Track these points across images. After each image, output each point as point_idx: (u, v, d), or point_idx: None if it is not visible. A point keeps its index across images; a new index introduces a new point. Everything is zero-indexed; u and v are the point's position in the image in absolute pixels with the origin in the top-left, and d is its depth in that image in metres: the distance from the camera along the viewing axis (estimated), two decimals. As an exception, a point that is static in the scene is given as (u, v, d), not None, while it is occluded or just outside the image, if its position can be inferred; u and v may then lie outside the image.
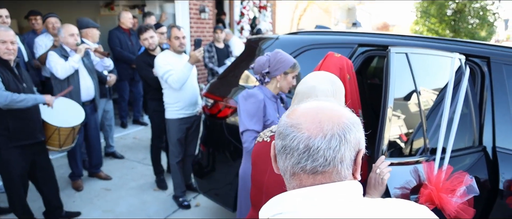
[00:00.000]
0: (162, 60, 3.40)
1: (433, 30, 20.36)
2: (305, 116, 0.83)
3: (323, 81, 1.57)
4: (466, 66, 2.13)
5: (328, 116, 0.81)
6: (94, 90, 3.95)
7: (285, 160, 0.84)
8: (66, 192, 3.91)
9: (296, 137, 0.81)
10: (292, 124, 0.83)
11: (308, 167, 0.80)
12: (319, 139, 0.78)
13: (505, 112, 2.18)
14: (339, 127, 0.80)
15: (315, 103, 0.87)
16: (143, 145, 5.49)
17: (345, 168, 0.81)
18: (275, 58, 2.25)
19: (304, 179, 0.82)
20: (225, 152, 3.06)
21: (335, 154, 0.79)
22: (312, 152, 0.79)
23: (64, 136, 3.19)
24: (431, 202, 1.61)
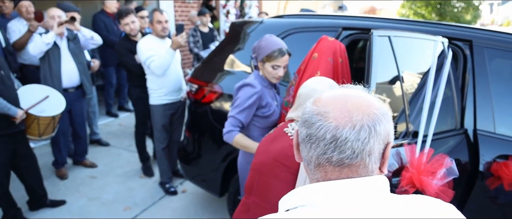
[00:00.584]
0: (145, 46, 3.33)
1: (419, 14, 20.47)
2: (333, 103, 0.77)
3: (323, 85, 1.63)
4: (448, 49, 2.14)
5: (358, 105, 0.76)
6: (79, 76, 3.81)
7: (309, 149, 0.79)
8: (50, 180, 3.86)
9: (323, 126, 0.75)
10: (319, 112, 0.77)
11: (334, 158, 0.75)
12: (348, 130, 0.73)
13: (486, 95, 2.20)
14: (369, 117, 0.74)
15: (344, 90, 0.82)
16: (128, 132, 5.44)
17: (373, 161, 0.76)
18: (258, 43, 2.20)
19: (330, 171, 0.77)
20: (211, 138, 3.05)
21: (364, 146, 0.74)
22: (340, 143, 0.74)
23: (43, 125, 3.13)
24: (412, 185, 1.63)
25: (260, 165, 1.66)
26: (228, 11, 9.84)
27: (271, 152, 1.61)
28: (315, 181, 0.80)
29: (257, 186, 1.64)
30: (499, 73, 2.28)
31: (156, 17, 3.40)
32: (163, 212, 3.37)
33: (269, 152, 1.63)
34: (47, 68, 3.57)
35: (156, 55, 3.29)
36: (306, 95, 1.63)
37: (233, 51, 3.07)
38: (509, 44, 2.23)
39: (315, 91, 1.59)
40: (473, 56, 2.28)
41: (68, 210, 3.37)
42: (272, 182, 1.58)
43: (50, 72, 3.58)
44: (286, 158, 1.55)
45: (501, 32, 2.34)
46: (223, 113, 2.88)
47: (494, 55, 2.26)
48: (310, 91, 1.61)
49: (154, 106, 3.53)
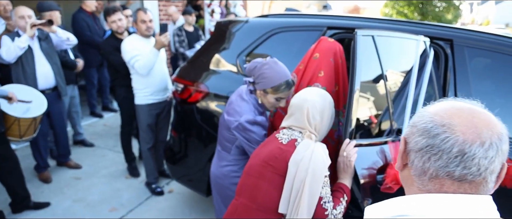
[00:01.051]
0: (129, 45, 3.31)
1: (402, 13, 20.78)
2: (459, 116, 0.74)
3: (315, 95, 1.67)
4: (430, 48, 2.19)
5: (486, 122, 0.73)
6: (54, 77, 3.70)
7: (428, 160, 0.76)
8: (33, 182, 3.80)
9: (450, 138, 0.72)
10: (444, 123, 0.74)
11: (457, 173, 0.73)
12: (477, 146, 0.71)
13: (466, 93, 2.26)
14: (497, 136, 0.72)
15: (466, 104, 0.78)
16: (113, 132, 5.39)
17: (493, 180, 0.74)
18: (260, 70, 1.95)
19: (447, 184, 0.74)
20: (197, 137, 3.05)
21: (489, 164, 0.72)
22: (466, 158, 0.71)
23: (24, 126, 3.08)
24: (396, 182, 1.66)
25: (249, 167, 1.68)
26: (213, 10, 9.80)
27: (261, 154, 1.64)
28: (425, 191, 0.78)
29: (246, 186, 1.65)
30: (479, 72, 2.34)
31: (140, 16, 3.37)
32: (150, 213, 3.35)
33: (259, 154, 1.66)
34: (20, 71, 3.44)
35: (140, 55, 3.26)
36: (297, 105, 1.66)
37: (219, 50, 3.07)
38: (488, 44, 2.29)
39: (307, 101, 1.63)
40: (454, 55, 2.33)
41: (52, 212, 3.32)
42: (260, 183, 1.59)
43: (24, 75, 3.45)
44: (274, 160, 1.56)
45: (481, 32, 2.41)
46: (209, 112, 2.88)
47: (474, 54, 2.32)
48: (302, 101, 1.65)
49: (139, 106, 3.50)
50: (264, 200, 1.57)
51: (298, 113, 1.65)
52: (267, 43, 2.86)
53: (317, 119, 1.62)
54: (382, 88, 1.94)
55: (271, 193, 1.55)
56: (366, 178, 1.73)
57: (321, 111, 1.64)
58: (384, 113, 1.98)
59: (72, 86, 4.44)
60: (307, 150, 1.50)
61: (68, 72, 4.23)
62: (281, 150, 1.56)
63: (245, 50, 2.90)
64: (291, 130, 1.65)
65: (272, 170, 1.55)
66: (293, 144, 1.56)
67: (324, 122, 1.66)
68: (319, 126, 1.64)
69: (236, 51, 2.94)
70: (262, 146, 1.71)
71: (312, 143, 1.55)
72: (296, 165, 1.48)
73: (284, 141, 1.60)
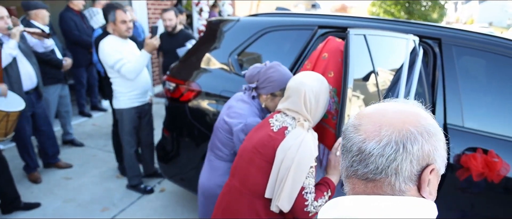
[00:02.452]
0: (110, 47, 3.18)
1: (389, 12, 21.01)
2: (370, 117, 0.76)
3: (312, 79, 1.67)
4: (419, 47, 2.23)
5: (392, 120, 0.73)
6: (36, 77, 3.62)
7: (342, 160, 0.80)
8: (23, 183, 3.76)
9: (352, 138, 0.75)
10: (354, 124, 0.77)
11: (360, 172, 0.74)
12: (373, 144, 0.72)
13: (455, 91, 2.32)
14: (400, 134, 0.71)
15: (388, 104, 0.79)
16: (103, 132, 5.35)
17: (401, 181, 0.72)
18: (266, 74, 1.96)
19: (357, 184, 0.77)
20: (189, 136, 3.05)
21: (389, 163, 0.71)
22: (364, 156, 0.73)
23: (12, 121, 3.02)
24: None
25: (242, 150, 1.72)
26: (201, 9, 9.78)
27: (253, 139, 1.67)
28: (347, 192, 0.81)
29: (239, 169, 1.71)
30: (466, 70, 2.41)
31: (119, 16, 3.23)
32: (142, 212, 3.35)
33: (252, 139, 1.69)
34: (4, 75, 3.27)
35: (125, 58, 3.20)
36: (294, 88, 1.66)
37: (210, 49, 3.08)
38: (475, 43, 2.35)
39: (304, 85, 1.64)
40: (442, 54, 2.39)
41: (43, 212, 3.30)
42: (249, 168, 1.65)
43: (8, 78, 3.29)
44: (263, 146, 1.60)
45: (468, 31, 2.47)
46: (201, 111, 2.89)
47: (461, 53, 2.38)
48: (299, 84, 1.66)
49: (124, 110, 3.41)
50: (253, 184, 1.63)
51: (295, 95, 1.66)
52: (259, 42, 2.88)
53: (312, 102, 1.64)
54: (373, 86, 1.97)
55: (259, 178, 1.61)
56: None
57: (317, 94, 1.65)
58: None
59: (62, 85, 4.39)
60: (297, 138, 1.53)
61: (56, 71, 4.18)
62: (270, 137, 1.59)
63: (237, 49, 2.92)
64: (284, 116, 1.66)
65: (260, 156, 1.59)
66: (283, 132, 1.59)
67: (319, 106, 1.67)
68: (314, 110, 1.66)
69: (228, 50, 2.95)
70: (255, 129, 1.73)
71: (303, 133, 1.56)
72: (284, 153, 1.52)
73: (274, 128, 1.62)
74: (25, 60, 3.52)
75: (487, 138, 2.21)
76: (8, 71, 3.29)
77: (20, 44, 3.47)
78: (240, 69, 2.84)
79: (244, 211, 1.66)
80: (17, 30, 3.29)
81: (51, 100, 4.23)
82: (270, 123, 1.67)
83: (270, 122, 1.67)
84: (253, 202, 1.65)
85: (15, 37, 3.27)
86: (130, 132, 3.50)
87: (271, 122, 1.66)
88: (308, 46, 2.68)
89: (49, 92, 4.18)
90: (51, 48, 4.01)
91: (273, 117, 1.69)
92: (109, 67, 3.26)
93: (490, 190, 2.19)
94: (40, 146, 4.04)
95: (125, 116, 3.44)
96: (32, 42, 3.74)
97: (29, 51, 3.62)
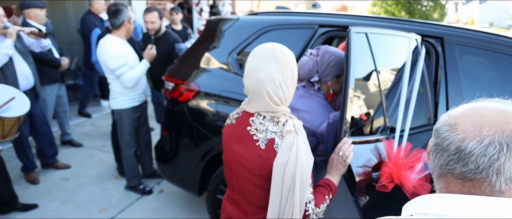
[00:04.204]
0: (115, 51, 3.16)
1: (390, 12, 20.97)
2: (467, 116, 0.75)
3: (268, 65, 1.37)
4: (422, 46, 2.20)
5: (494, 119, 0.72)
6: (33, 77, 3.56)
7: (434, 158, 0.79)
8: (20, 184, 3.72)
9: (449, 137, 0.75)
10: (450, 123, 0.77)
11: (457, 170, 0.74)
12: (474, 143, 0.71)
13: (457, 90, 2.28)
14: (503, 134, 0.70)
15: (483, 103, 0.78)
16: (102, 132, 5.32)
17: (503, 181, 0.71)
18: (323, 62, 1.86)
19: (452, 183, 0.77)
20: (188, 136, 3.02)
21: (491, 163, 0.70)
22: (463, 155, 0.72)
23: (8, 126, 2.99)
24: (391, 180, 1.67)
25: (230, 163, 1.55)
26: (201, 9, 9.75)
27: (239, 155, 1.47)
28: (438, 190, 0.80)
29: (237, 186, 1.56)
30: (469, 70, 2.37)
31: (132, 16, 3.30)
32: (141, 213, 3.31)
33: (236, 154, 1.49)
34: (0, 76, 3.28)
35: (128, 65, 3.22)
36: (253, 89, 1.40)
37: (209, 49, 3.05)
38: (478, 41, 2.31)
39: (262, 82, 1.38)
40: (445, 52, 2.35)
41: (41, 213, 3.26)
42: (251, 188, 1.49)
43: (4, 78, 3.26)
44: (258, 170, 1.43)
45: (470, 30, 2.43)
46: (200, 111, 2.86)
47: (464, 52, 2.34)
48: (256, 83, 1.38)
49: (124, 110, 3.39)
50: (259, 201, 1.50)
51: (257, 97, 1.39)
52: (259, 41, 2.84)
53: (280, 93, 1.38)
54: (375, 86, 1.94)
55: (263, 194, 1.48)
56: (361, 176, 1.73)
57: (284, 79, 1.39)
58: (377, 110, 1.99)
59: (59, 85, 4.34)
60: (291, 150, 1.35)
61: (53, 71, 4.13)
62: (261, 158, 1.40)
63: (237, 48, 2.88)
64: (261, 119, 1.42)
65: (258, 178, 1.45)
66: (272, 148, 1.39)
67: (291, 86, 1.43)
68: (286, 96, 1.42)
69: (227, 49, 2.92)
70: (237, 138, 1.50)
71: (293, 140, 1.37)
72: (282, 171, 1.35)
73: (261, 145, 1.39)
74: (21, 60, 3.47)
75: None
76: (4, 71, 3.25)
77: (17, 44, 3.42)
78: (239, 69, 2.81)
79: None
80: (13, 30, 3.23)
81: (48, 101, 4.19)
82: (251, 134, 1.43)
83: (251, 132, 1.43)
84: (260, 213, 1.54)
85: (11, 36, 3.22)
86: (131, 133, 3.48)
87: (251, 132, 1.43)
88: (309, 45, 2.64)
89: (47, 92, 4.14)
90: (48, 47, 3.97)
91: (251, 124, 1.44)
92: (109, 70, 3.23)
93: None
94: (38, 146, 4.00)
95: (125, 116, 3.41)
96: (28, 42, 3.69)
97: (26, 51, 3.57)
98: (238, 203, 1.57)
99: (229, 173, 1.57)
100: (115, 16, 3.24)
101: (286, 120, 1.40)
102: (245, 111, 1.48)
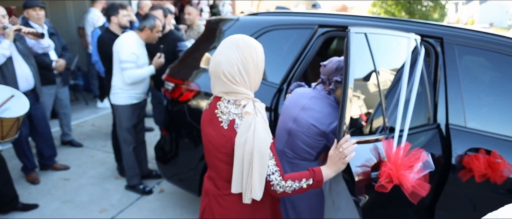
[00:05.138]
0: (131, 46, 3.26)
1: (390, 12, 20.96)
2: None
3: (229, 50, 1.49)
4: (421, 46, 2.20)
5: None
6: (33, 78, 3.56)
7: None
8: (20, 184, 3.73)
9: None
10: None
11: None
12: None
13: (457, 91, 2.28)
14: None
15: None
16: (102, 132, 5.33)
17: None
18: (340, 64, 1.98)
19: None
20: (188, 137, 3.02)
21: None
22: None
23: (7, 126, 2.99)
24: (390, 181, 1.67)
25: (205, 143, 1.69)
26: (202, 9, 9.76)
27: (209, 135, 1.61)
28: None
29: (210, 163, 1.71)
30: (468, 70, 2.37)
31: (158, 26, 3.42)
32: (141, 213, 3.32)
33: (208, 134, 1.62)
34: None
35: (135, 63, 3.27)
36: (213, 72, 1.53)
37: (209, 49, 3.05)
38: (478, 41, 2.32)
39: (220, 64, 1.49)
40: (444, 53, 2.35)
41: (41, 213, 3.27)
42: (218, 163, 1.64)
43: (4, 79, 3.26)
44: (223, 147, 1.56)
45: (470, 30, 2.44)
46: (200, 111, 2.86)
47: (463, 52, 2.34)
48: (215, 66, 1.51)
49: (124, 106, 3.42)
50: (227, 176, 1.63)
51: (218, 80, 1.52)
52: (259, 41, 2.84)
53: (238, 77, 1.50)
54: (375, 86, 1.94)
55: (229, 169, 1.60)
56: (360, 176, 1.73)
57: (243, 65, 1.49)
58: (376, 110, 1.99)
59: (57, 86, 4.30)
60: (249, 130, 1.48)
61: (48, 72, 4.07)
62: (224, 137, 1.54)
63: (237, 49, 2.88)
64: (226, 102, 1.55)
65: (224, 155, 1.58)
66: (233, 128, 1.52)
67: (252, 73, 1.54)
68: (247, 81, 1.53)
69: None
70: (208, 122, 1.63)
71: (251, 121, 1.49)
72: (241, 148, 1.49)
73: (224, 125, 1.53)
74: (22, 61, 3.46)
75: (490, 138, 2.18)
76: (4, 72, 3.24)
77: (18, 45, 3.42)
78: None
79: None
80: (10, 30, 3.22)
81: (44, 102, 4.17)
82: (217, 116, 1.57)
83: (217, 115, 1.57)
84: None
85: (8, 37, 3.21)
86: (129, 130, 3.49)
87: (218, 115, 1.57)
88: (308, 45, 2.65)
89: (43, 93, 4.13)
90: (50, 49, 3.95)
91: (217, 106, 1.57)
92: (118, 60, 3.29)
93: (493, 191, 2.16)
94: (37, 147, 4.01)
95: (124, 113, 3.44)
96: (30, 43, 3.69)
97: (27, 52, 3.56)
98: (213, 179, 1.73)
99: (205, 152, 1.73)
100: (143, 18, 3.43)
101: (246, 102, 1.53)
102: (215, 96, 1.63)
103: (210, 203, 1.74)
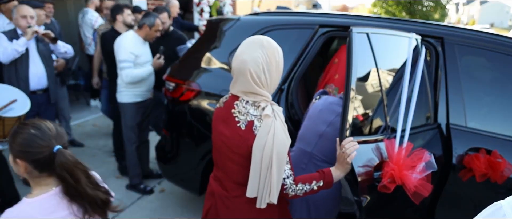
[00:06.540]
0: (129, 46, 3.25)
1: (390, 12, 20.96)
2: None
3: (253, 50, 1.49)
4: (422, 46, 2.20)
5: None
6: (47, 78, 3.59)
7: None
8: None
9: None
10: None
11: None
12: None
13: (457, 91, 2.29)
14: None
15: None
16: (103, 132, 5.33)
17: None
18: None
19: None
20: (189, 136, 3.03)
21: None
22: None
23: (8, 126, 2.99)
24: (393, 181, 1.67)
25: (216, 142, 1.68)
26: (202, 10, 9.76)
27: (223, 135, 1.60)
28: None
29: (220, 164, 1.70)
30: (469, 70, 2.37)
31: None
32: (142, 213, 3.32)
33: (221, 134, 1.61)
34: (12, 72, 3.35)
35: (132, 63, 3.26)
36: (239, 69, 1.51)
37: (210, 49, 3.06)
38: (478, 42, 2.32)
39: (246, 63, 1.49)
40: (445, 53, 2.35)
41: (42, 213, 3.27)
42: (229, 164, 1.63)
43: (16, 76, 3.35)
44: (238, 148, 1.55)
45: (470, 30, 2.44)
46: (201, 111, 2.87)
47: (464, 52, 2.34)
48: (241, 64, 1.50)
49: (128, 104, 3.43)
50: (237, 177, 1.62)
51: (241, 77, 1.51)
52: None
53: (262, 77, 1.50)
54: (376, 85, 1.94)
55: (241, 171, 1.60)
56: (362, 176, 1.73)
57: (267, 65, 1.50)
58: (378, 110, 1.99)
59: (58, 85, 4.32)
60: (269, 133, 1.47)
61: None
62: (241, 138, 1.52)
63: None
64: (244, 103, 1.54)
65: (238, 156, 1.57)
66: (251, 130, 1.50)
67: (274, 74, 1.54)
68: (268, 82, 1.53)
69: (228, 49, 2.92)
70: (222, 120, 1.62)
71: (271, 124, 1.48)
72: (260, 151, 1.47)
73: (242, 126, 1.52)
74: (39, 61, 3.52)
75: (490, 138, 2.18)
76: (18, 67, 3.34)
77: (40, 46, 3.52)
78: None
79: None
80: (30, 30, 3.34)
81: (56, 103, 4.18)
82: (234, 116, 1.55)
83: (234, 114, 1.55)
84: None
85: (26, 35, 3.32)
86: (133, 128, 3.50)
87: (234, 114, 1.55)
88: (309, 45, 2.65)
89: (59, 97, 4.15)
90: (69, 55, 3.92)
91: (235, 106, 1.55)
92: (117, 60, 3.31)
93: (493, 191, 2.16)
94: None
95: (127, 110, 3.45)
96: (52, 46, 3.73)
97: (47, 54, 3.62)
98: (220, 180, 1.70)
99: (215, 151, 1.71)
100: (144, 16, 3.41)
101: (266, 105, 1.52)
102: (232, 95, 1.60)
103: (216, 205, 1.72)
